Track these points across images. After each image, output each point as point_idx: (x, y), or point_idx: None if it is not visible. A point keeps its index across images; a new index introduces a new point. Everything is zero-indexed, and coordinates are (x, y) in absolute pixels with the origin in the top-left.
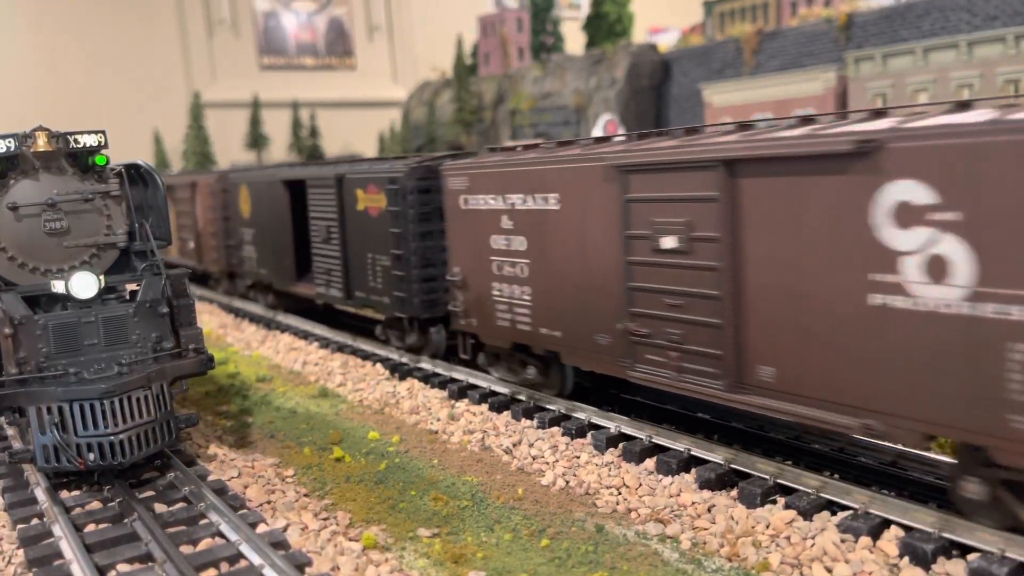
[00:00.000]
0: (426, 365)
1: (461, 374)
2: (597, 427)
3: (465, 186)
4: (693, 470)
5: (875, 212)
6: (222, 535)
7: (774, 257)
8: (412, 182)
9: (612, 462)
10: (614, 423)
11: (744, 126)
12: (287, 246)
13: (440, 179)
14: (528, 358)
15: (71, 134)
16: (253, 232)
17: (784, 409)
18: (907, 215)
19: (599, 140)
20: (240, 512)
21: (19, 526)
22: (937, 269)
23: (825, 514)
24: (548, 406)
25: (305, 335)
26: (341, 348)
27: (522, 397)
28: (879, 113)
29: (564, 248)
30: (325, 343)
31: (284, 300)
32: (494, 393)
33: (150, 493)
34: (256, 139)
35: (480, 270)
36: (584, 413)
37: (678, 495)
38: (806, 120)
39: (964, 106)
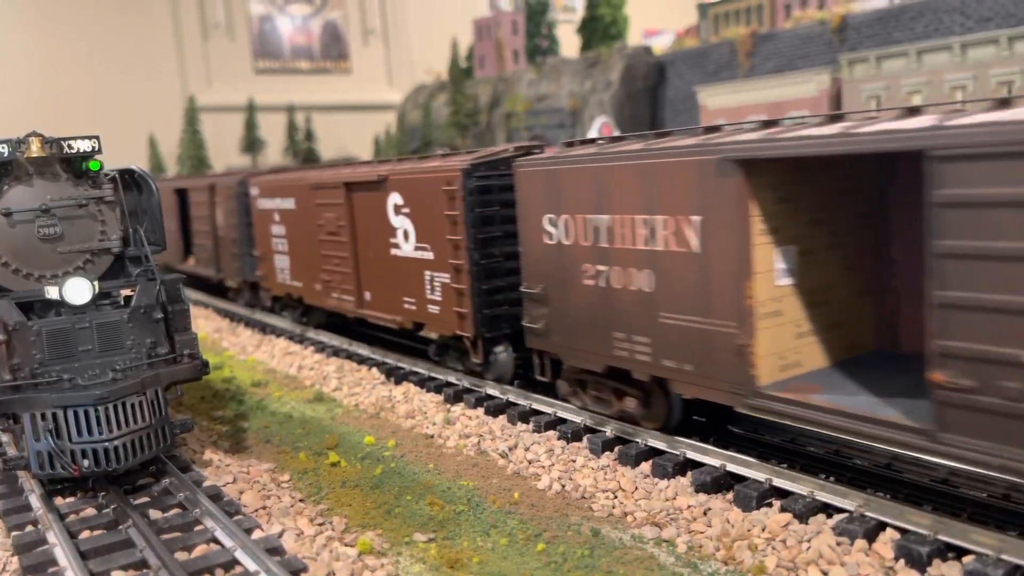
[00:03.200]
0: (421, 369)
1: (456, 378)
2: (593, 431)
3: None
4: (689, 473)
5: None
6: (217, 541)
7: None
8: None
9: (608, 466)
10: (610, 427)
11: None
12: None
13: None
14: (295, 303)
15: (65, 140)
16: None
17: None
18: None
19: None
20: (235, 518)
21: (13, 533)
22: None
23: (821, 517)
24: (545, 409)
25: (301, 339)
26: (336, 352)
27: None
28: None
29: (300, 233)
30: (320, 347)
31: None
32: (490, 397)
33: (145, 499)
34: (251, 143)
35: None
36: (580, 417)
37: (674, 498)
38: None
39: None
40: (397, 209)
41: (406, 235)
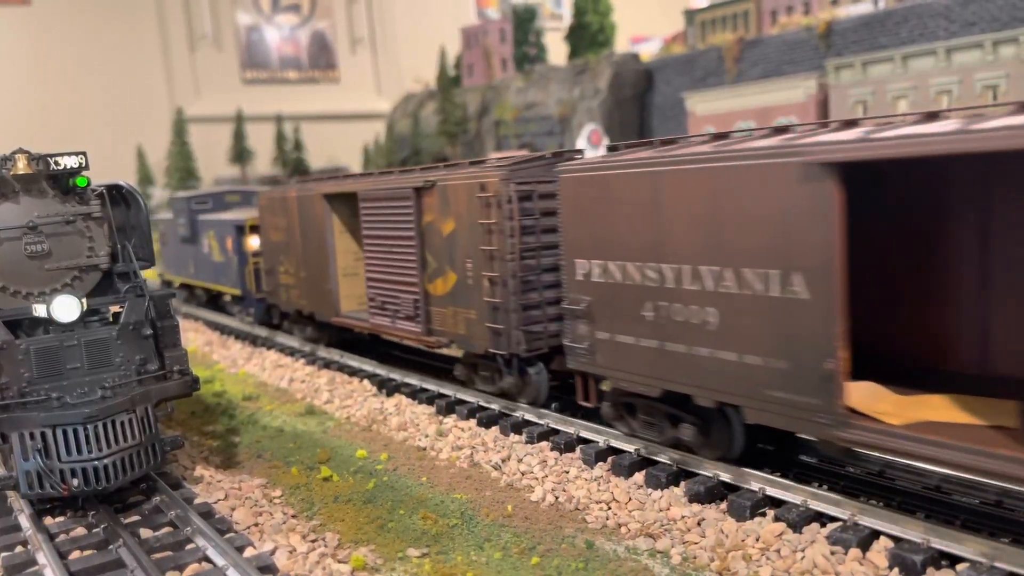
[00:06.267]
0: (413, 381)
1: (449, 389)
2: (586, 441)
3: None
4: (682, 483)
5: None
6: (209, 560)
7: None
8: None
9: (601, 476)
10: (603, 437)
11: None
12: None
13: None
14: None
15: (51, 156)
16: None
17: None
18: None
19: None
20: (227, 536)
21: (3, 554)
22: None
23: (814, 526)
24: (537, 420)
25: (292, 352)
26: (328, 364)
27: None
28: None
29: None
30: (312, 359)
31: None
32: (482, 408)
33: (135, 518)
34: (240, 153)
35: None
36: (573, 427)
37: (668, 509)
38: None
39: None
40: None
41: None
